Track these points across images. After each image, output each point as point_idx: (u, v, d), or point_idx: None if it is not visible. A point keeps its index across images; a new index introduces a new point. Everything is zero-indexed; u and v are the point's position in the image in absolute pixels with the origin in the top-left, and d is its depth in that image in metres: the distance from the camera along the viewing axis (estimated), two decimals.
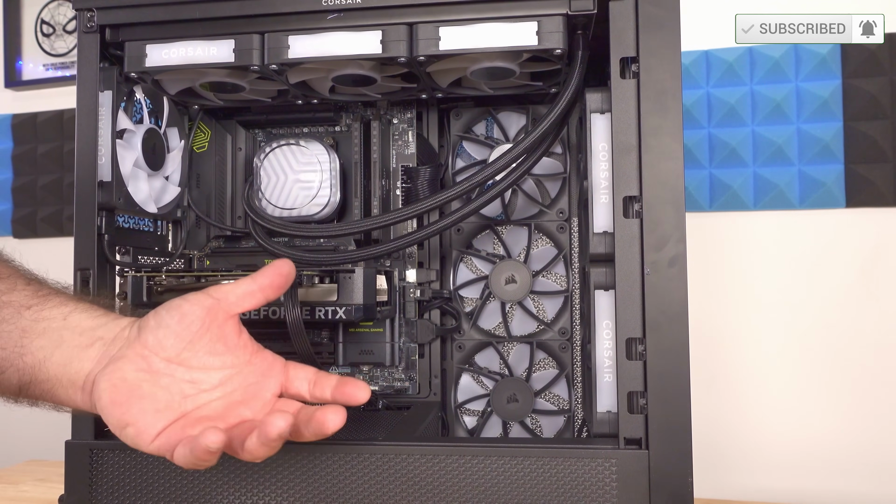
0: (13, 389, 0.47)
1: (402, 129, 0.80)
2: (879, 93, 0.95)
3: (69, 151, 1.24)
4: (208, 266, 0.75)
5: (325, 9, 0.59)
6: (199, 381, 0.47)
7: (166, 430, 0.43)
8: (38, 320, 0.47)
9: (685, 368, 0.54)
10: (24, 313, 0.47)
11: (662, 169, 0.55)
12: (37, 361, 0.46)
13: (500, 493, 0.55)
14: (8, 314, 0.47)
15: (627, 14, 0.56)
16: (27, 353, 0.46)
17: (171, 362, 0.46)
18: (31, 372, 0.46)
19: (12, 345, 0.46)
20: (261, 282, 0.48)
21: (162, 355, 0.46)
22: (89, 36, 0.62)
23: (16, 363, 0.46)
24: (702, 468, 0.59)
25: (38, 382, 0.46)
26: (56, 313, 0.48)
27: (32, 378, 0.46)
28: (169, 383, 0.45)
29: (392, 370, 0.80)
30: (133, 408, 0.43)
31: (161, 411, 0.44)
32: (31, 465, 1.06)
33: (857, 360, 0.96)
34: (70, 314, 0.48)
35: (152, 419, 0.43)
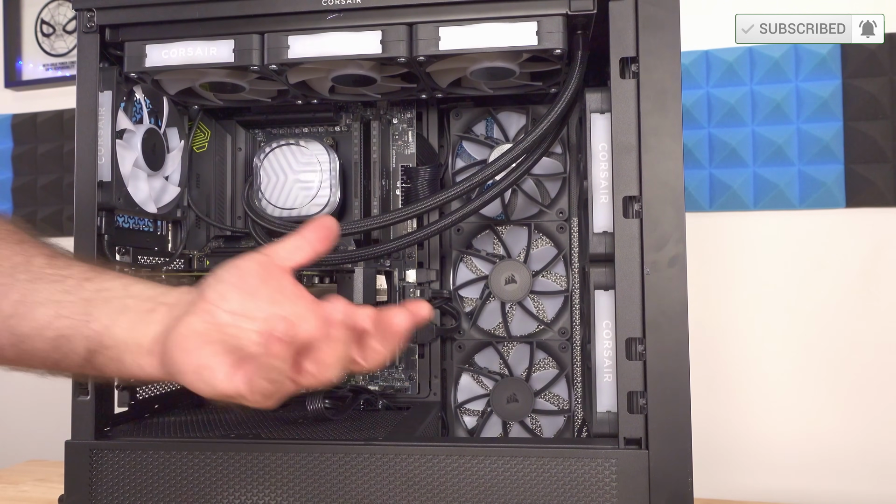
0: (80, 359, 0.47)
1: (402, 129, 0.80)
2: (879, 93, 0.95)
3: (69, 151, 1.24)
4: (208, 266, 0.75)
5: (325, 9, 0.59)
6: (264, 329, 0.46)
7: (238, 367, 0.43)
8: (100, 290, 0.48)
9: (685, 368, 0.54)
10: (86, 285, 0.48)
11: (662, 169, 0.55)
12: (103, 327, 0.46)
13: (500, 493, 0.55)
14: (70, 286, 0.47)
15: (627, 14, 0.56)
16: (93, 321, 0.46)
17: (236, 314, 0.46)
18: (98, 338, 0.46)
19: (78, 313, 0.47)
20: (308, 235, 0.50)
21: (225, 307, 0.46)
22: (89, 36, 0.62)
23: (82, 330, 0.46)
24: (702, 468, 0.59)
25: (105, 349, 0.46)
26: (116, 284, 0.48)
27: (99, 344, 0.46)
28: (237, 332, 0.46)
29: (392, 370, 0.80)
30: (205, 350, 0.44)
31: (233, 352, 0.44)
32: (31, 465, 1.06)
33: (856, 360, 0.96)
34: (130, 285, 0.49)
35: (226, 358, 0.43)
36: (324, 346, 0.43)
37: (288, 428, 0.65)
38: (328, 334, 0.42)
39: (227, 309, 0.46)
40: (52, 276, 0.47)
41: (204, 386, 0.44)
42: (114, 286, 0.48)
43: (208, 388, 0.43)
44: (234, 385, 0.43)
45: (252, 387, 0.42)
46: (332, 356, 0.43)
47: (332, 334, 0.43)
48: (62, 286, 0.47)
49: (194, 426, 0.66)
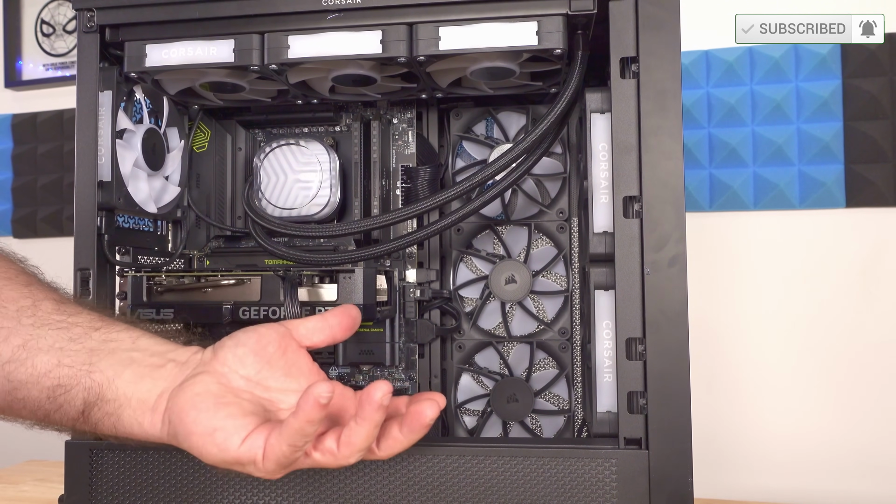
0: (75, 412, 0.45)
1: (402, 129, 0.80)
2: (879, 93, 0.95)
3: (69, 151, 1.24)
4: (208, 266, 0.75)
5: (325, 9, 0.59)
6: (277, 401, 0.46)
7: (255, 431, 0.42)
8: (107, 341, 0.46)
9: (685, 368, 0.54)
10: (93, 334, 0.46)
11: (662, 169, 0.55)
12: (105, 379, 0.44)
13: (500, 493, 0.55)
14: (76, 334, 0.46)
15: (627, 14, 0.56)
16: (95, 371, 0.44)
17: (251, 381, 0.45)
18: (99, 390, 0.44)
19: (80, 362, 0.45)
20: (330, 320, 0.49)
21: (241, 373, 0.45)
22: (89, 36, 0.62)
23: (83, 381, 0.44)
24: (702, 468, 0.59)
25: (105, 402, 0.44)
26: (125, 336, 0.47)
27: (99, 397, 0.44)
28: (250, 398, 0.44)
29: (392, 370, 0.80)
30: (220, 412, 0.42)
31: (248, 416, 0.42)
32: (31, 465, 1.06)
33: (857, 360, 0.96)
34: (139, 338, 0.47)
35: (241, 422, 0.42)
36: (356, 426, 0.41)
37: None
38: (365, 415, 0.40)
39: (244, 374, 0.45)
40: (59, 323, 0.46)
41: (214, 449, 0.41)
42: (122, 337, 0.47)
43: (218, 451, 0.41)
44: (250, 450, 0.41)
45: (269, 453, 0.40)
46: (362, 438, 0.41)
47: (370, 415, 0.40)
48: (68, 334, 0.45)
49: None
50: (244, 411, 0.43)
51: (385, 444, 0.44)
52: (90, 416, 0.45)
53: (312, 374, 0.48)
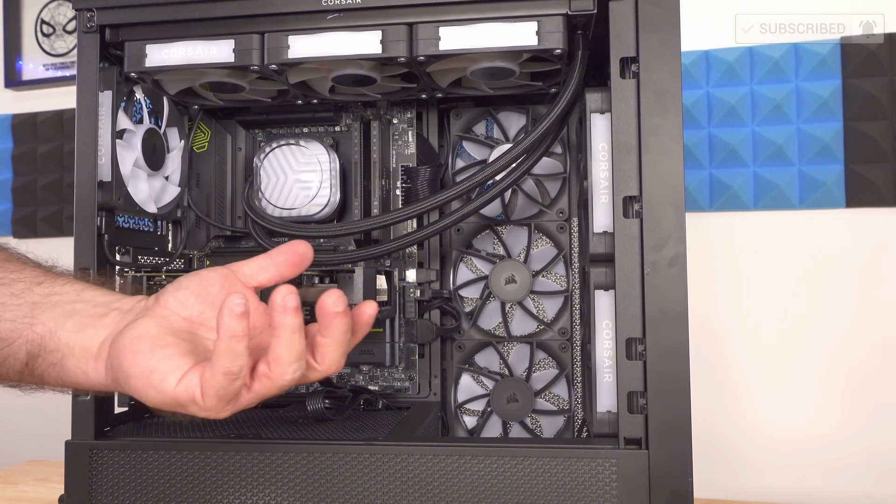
0: (19, 364, 0.45)
1: (402, 129, 0.80)
2: (879, 93, 0.95)
3: (69, 151, 1.24)
4: (208, 266, 0.75)
5: (325, 9, 0.59)
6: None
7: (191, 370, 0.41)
8: (51, 294, 0.46)
9: (685, 368, 0.54)
10: (35, 289, 0.46)
11: (662, 169, 0.55)
12: (47, 331, 0.44)
13: (500, 493, 0.55)
14: (19, 289, 0.46)
15: (627, 14, 0.56)
16: (38, 323, 0.45)
17: (193, 322, 0.45)
18: (41, 342, 0.44)
19: (22, 315, 0.45)
20: (276, 257, 0.47)
21: (182, 314, 0.45)
22: (89, 36, 0.62)
23: (25, 333, 0.44)
24: (702, 468, 0.59)
25: (48, 353, 0.44)
26: (69, 289, 0.47)
27: (41, 348, 0.44)
28: (191, 338, 0.44)
29: (392, 370, 0.80)
30: (156, 354, 0.41)
31: (185, 356, 0.41)
32: (31, 465, 1.06)
33: (856, 360, 0.96)
34: (83, 290, 0.47)
35: (177, 362, 0.41)
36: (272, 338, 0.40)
37: (288, 428, 0.65)
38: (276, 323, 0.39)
39: (185, 316, 0.45)
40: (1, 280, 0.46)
41: (152, 391, 0.41)
42: (66, 290, 0.46)
43: (156, 392, 0.41)
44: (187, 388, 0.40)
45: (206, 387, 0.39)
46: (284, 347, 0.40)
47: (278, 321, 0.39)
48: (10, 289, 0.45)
49: (194, 426, 0.66)
50: (181, 351, 0.42)
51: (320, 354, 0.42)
52: (34, 368, 0.45)
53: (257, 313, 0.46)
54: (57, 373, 0.45)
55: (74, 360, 0.44)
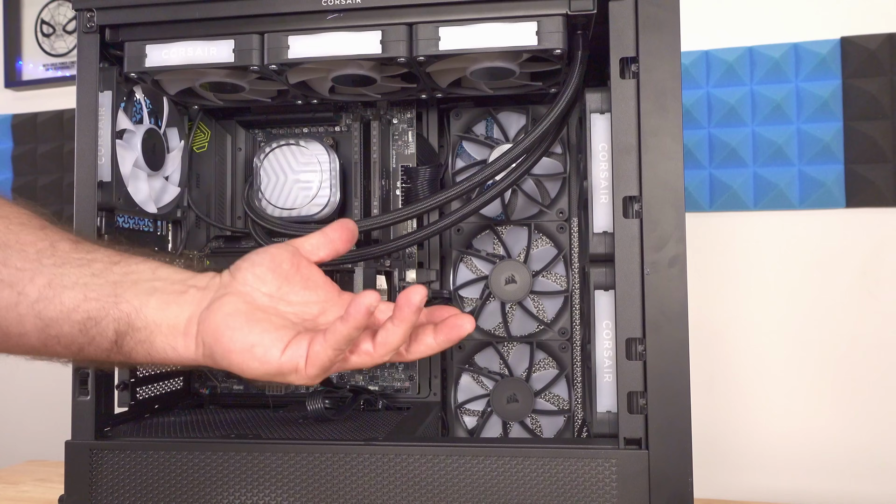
0: (108, 343, 0.46)
1: (402, 129, 0.80)
2: (879, 93, 0.95)
3: (69, 151, 1.24)
4: (208, 266, 0.75)
5: (325, 9, 0.59)
6: (301, 313, 0.48)
7: (292, 341, 0.44)
8: (128, 273, 0.47)
9: (685, 368, 0.54)
10: (113, 268, 0.47)
11: (662, 169, 0.55)
12: (132, 309, 0.46)
13: (500, 493, 0.55)
14: (97, 269, 0.47)
15: (627, 14, 0.56)
16: (122, 302, 0.46)
17: (273, 297, 0.48)
18: (128, 320, 0.46)
19: (106, 294, 0.46)
20: (331, 234, 0.51)
21: (263, 290, 0.47)
22: (89, 36, 0.62)
23: (111, 312, 0.46)
24: (702, 468, 0.59)
25: (135, 330, 0.46)
26: (144, 267, 0.48)
27: (129, 326, 0.46)
28: (276, 312, 0.47)
29: (392, 370, 0.80)
30: (255, 328, 0.44)
31: (281, 329, 0.45)
32: (31, 465, 1.06)
33: (857, 360, 0.96)
34: (158, 268, 0.49)
35: (276, 335, 0.44)
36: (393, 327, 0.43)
37: (288, 428, 0.65)
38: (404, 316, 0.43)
39: (266, 292, 0.48)
40: (79, 260, 0.47)
41: (255, 363, 0.44)
42: (142, 269, 0.48)
43: (259, 364, 0.44)
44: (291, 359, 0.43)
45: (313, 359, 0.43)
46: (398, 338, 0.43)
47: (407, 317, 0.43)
48: (89, 269, 0.47)
49: (194, 426, 0.66)
50: (276, 325, 0.45)
51: (415, 348, 0.46)
52: (123, 346, 0.47)
53: (327, 286, 0.50)
54: (146, 349, 0.47)
55: (162, 336, 0.46)
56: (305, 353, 0.43)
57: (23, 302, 0.45)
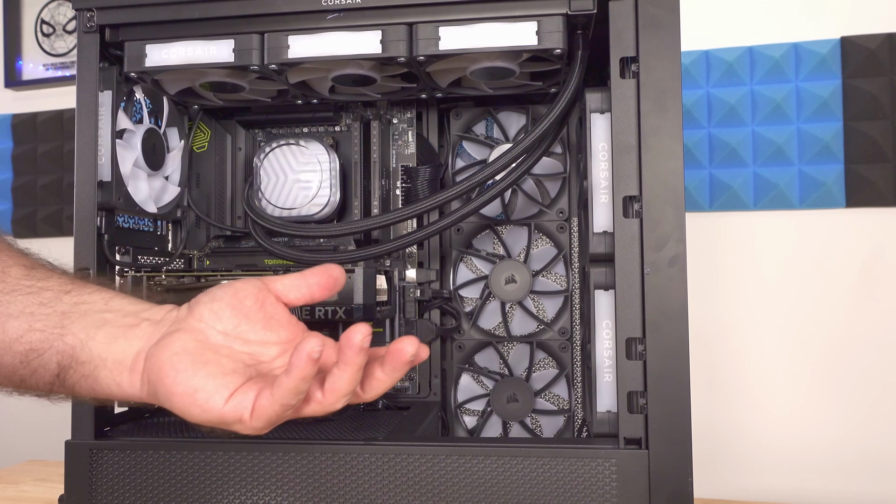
0: (50, 376, 0.45)
1: (402, 129, 0.80)
2: (879, 93, 0.95)
3: (69, 151, 1.24)
4: (208, 266, 0.75)
5: (325, 9, 0.59)
6: (257, 353, 0.45)
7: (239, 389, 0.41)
8: (79, 304, 0.45)
9: (685, 368, 0.54)
10: (64, 297, 0.45)
11: (662, 169, 0.55)
12: (78, 342, 0.44)
13: (500, 493, 0.55)
14: (47, 297, 0.45)
15: (627, 14, 0.56)
16: (68, 334, 0.44)
17: (229, 335, 0.45)
18: (72, 353, 0.44)
19: (52, 325, 0.44)
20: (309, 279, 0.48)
21: (219, 328, 0.44)
22: (89, 36, 0.62)
23: (55, 344, 0.44)
24: (702, 468, 0.59)
25: (79, 364, 0.44)
26: (97, 297, 0.46)
27: (73, 360, 0.44)
28: (229, 353, 0.44)
29: None
30: (200, 372, 0.41)
31: (228, 374, 0.42)
32: (31, 465, 1.06)
33: (856, 360, 0.96)
34: (111, 299, 0.47)
35: (222, 381, 0.41)
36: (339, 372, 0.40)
37: (288, 428, 0.65)
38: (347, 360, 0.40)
39: (221, 329, 0.45)
40: (29, 288, 0.45)
41: (196, 409, 0.41)
42: (94, 299, 0.46)
43: (201, 411, 0.41)
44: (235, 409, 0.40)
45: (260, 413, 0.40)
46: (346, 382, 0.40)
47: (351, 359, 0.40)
48: (38, 298, 0.45)
49: (194, 426, 0.66)
50: (224, 370, 0.42)
51: (369, 386, 0.43)
52: (66, 379, 0.44)
53: (291, 326, 0.47)
54: (89, 384, 0.45)
55: (107, 371, 0.44)
56: (251, 405, 0.40)
57: None
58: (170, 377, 0.41)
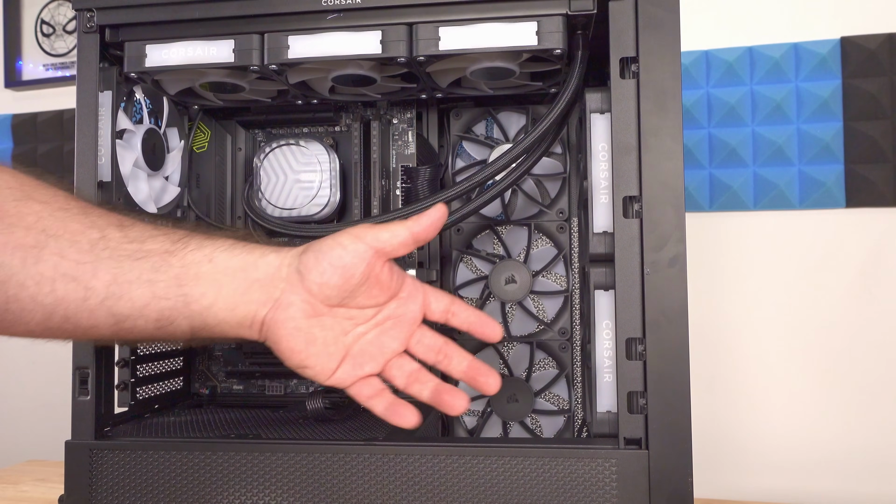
0: (184, 336, 0.49)
1: (402, 129, 0.80)
2: (879, 93, 0.95)
3: (69, 151, 1.24)
4: None
5: (325, 9, 0.59)
6: (355, 317, 0.52)
7: (339, 367, 0.51)
8: (186, 266, 0.48)
9: (685, 368, 0.54)
10: (171, 261, 0.48)
11: (662, 169, 0.55)
12: (203, 308, 0.48)
13: (500, 493, 0.55)
14: (156, 263, 0.48)
15: (627, 14, 0.56)
16: (192, 302, 0.48)
17: (333, 307, 0.51)
18: (201, 318, 0.48)
19: (174, 294, 0.48)
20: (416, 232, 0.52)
21: (326, 303, 0.50)
22: (89, 36, 0.62)
23: (183, 311, 0.48)
24: (702, 468, 0.59)
25: (209, 327, 0.49)
26: (200, 256, 0.49)
27: (203, 323, 0.49)
28: (332, 323, 0.51)
29: None
30: (310, 353, 0.50)
31: (332, 353, 0.51)
32: (31, 465, 1.06)
33: (857, 360, 0.96)
34: (213, 255, 0.49)
35: (326, 360, 0.50)
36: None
37: (288, 428, 0.65)
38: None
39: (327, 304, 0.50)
40: (136, 253, 0.48)
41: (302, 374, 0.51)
42: (197, 258, 0.49)
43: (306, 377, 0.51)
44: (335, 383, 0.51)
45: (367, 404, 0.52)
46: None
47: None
48: (148, 263, 0.48)
49: (194, 426, 0.66)
50: (328, 349, 0.51)
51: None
52: (199, 336, 0.50)
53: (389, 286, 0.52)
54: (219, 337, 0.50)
55: (233, 330, 0.50)
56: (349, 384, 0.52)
57: (91, 297, 0.46)
58: (286, 353, 0.50)
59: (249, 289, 0.49)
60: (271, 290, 0.49)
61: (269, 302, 0.49)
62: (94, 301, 0.46)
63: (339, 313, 0.51)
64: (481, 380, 0.53)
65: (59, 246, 0.45)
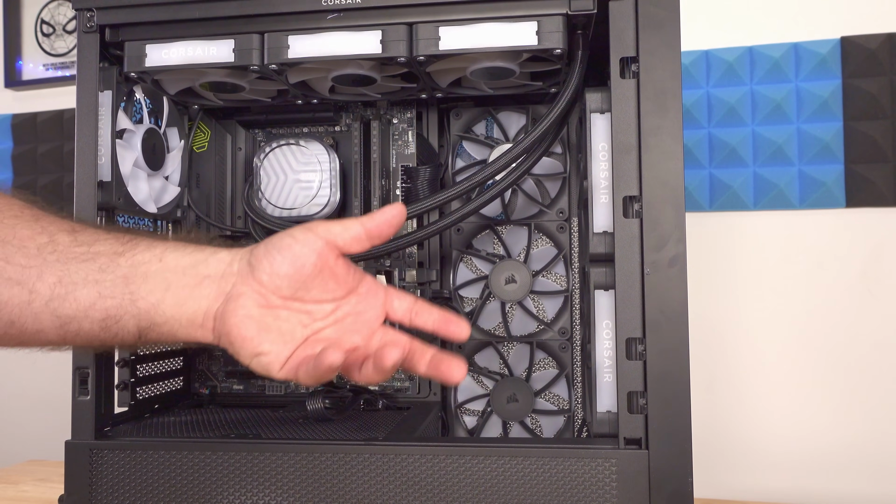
0: (132, 336, 0.48)
1: (402, 129, 0.80)
2: (879, 93, 0.95)
3: (69, 151, 1.24)
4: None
5: (325, 9, 0.59)
6: (312, 312, 0.50)
7: (292, 356, 0.48)
8: (135, 265, 0.48)
9: (685, 368, 0.54)
10: (119, 261, 0.48)
11: (662, 169, 0.55)
12: (150, 306, 0.47)
13: (500, 493, 0.55)
14: (103, 264, 0.47)
15: (627, 14, 0.56)
16: (139, 299, 0.47)
17: (287, 299, 0.49)
18: (148, 316, 0.48)
19: (120, 292, 0.47)
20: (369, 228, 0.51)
21: (278, 294, 0.49)
22: (89, 36, 0.62)
23: (130, 310, 0.47)
24: (702, 468, 0.59)
25: (157, 325, 0.48)
26: (149, 256, 0.49)
27: (150, 322, 0.48)
28: (288, 316, 0.49)
29: None
30: (263, 340, 0.48)
31: (287, 341, 0.48)
32: (31, 465, 1.06)
33: (857, 360, 0.96)
34: (164, 255, 0.49)
35: (280, 348, 0.48)
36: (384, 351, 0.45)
37: (288, 428, 0.65)
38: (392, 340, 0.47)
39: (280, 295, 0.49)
40: (83, 255, 0.47)
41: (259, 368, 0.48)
42: (147, 258, 0.48)
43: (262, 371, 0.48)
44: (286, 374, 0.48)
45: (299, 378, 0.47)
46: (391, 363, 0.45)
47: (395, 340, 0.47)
48: (95, 264, 0.47)
49: (194, 426, 0.66)
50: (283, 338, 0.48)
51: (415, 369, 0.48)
52: (147, 337, 0.49)
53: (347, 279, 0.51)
54: (169, 338, 0.49)
55: (183, 329, 0.49)
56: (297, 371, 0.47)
57: (36, 300, 0.46)
58: (237, 342, 0.48)
59: (199, 285, 0.48)
60: (223, 284, 0.48)
61: (220, 297, 0.48)
62: (38, 303, 0.46)
63: (295, 307, 0.49)
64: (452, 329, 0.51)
65: (6, 252, 0.45)
